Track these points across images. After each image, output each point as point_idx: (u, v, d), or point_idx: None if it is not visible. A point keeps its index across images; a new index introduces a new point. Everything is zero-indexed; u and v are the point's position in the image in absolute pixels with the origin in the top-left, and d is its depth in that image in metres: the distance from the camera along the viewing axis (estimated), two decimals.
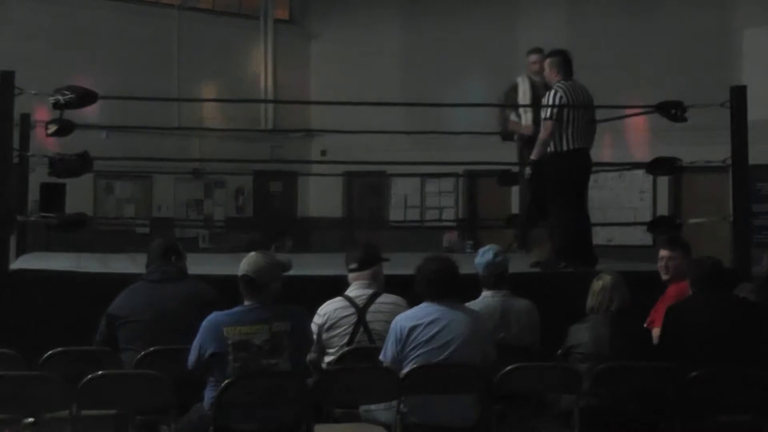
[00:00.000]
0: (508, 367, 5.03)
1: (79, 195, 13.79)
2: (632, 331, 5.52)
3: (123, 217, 15.62)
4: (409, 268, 5.36)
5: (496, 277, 5.76)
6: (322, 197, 17.19)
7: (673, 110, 7.81)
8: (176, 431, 4.75)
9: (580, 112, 7.70)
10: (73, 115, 7.14)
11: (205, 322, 4.71)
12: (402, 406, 4.96)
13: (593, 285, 5.58)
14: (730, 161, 7.54)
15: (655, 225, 8.77)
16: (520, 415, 5.42)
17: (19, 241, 9.18)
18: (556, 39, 10.57)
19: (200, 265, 6.74)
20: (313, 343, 5.35)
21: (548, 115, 7.69)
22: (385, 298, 5.55)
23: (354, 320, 5.46)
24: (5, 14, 14.58)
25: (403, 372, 4.95)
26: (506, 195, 13.34)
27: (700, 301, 5.45)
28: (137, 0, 16.12)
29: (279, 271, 4.81)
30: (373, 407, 5.12)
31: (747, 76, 11.92)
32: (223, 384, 4.57)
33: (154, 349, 5.12)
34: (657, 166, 8.25)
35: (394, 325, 5.07)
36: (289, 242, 12.46)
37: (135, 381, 4.83)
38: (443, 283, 5.11)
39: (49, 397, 4.60)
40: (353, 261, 5.68)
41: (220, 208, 16.74)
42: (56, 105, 6.88)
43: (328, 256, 8.84)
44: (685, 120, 7.80)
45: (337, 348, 5.44)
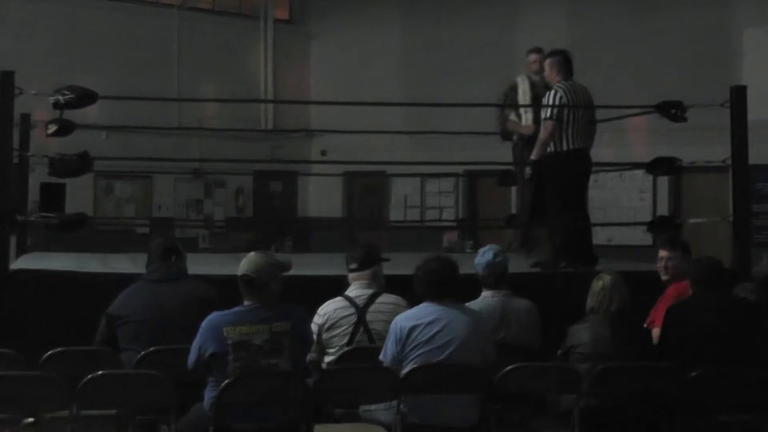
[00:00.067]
0: (508, 367, 5.04)
1: (79, 195, 13.80)
2: (632, 331, 5.51)
3: (123, 217, 15.59)
4: (409, 268, 5.35)
5: (496, 277, 5.77)
6: (322, 197, 17.17)
7: (673, 110, 7.80)
8: (176, 431, 4.75)
9: (580, 113, 7.71)
10: (73, 115, 7.13)
11: (205, 322, 4.71)
12: (402, 406, 4.96)
13: (593, 285, 5.58)
14: (730, 161, 7.54)
15: (655, 225, 8.76)
16: (520, 415, 5.43)
17: (19, 241, 9.18)
18: (556, 39, 10.56)
19: (200, 265, 6.74)
20: (313, 343, 5.36)
21: (548, 115, 7.70)
22: (385, 298, 5.55)
23: (354, 320, 5.47)
24: (5, 14, 14.57)
25: (403, 372, 4.95)
26: (506, 195, 13.30)
27: (700, 301, 5.45)
28: (137, 0, 16.12)
29: (279, 271, 4.81)
30: (373, 407, 5.12)
31: (747, 76, 11.92)
32: (223, 384, 4.57)
33: (154, 349, 5.13)
34: (657, 166, 8.23)
35: (394, 325, 5.07)
36: (289, 242, 12.43)
37: (135, 381, 4.83)
38: (443, 283, 5.11)
39: (49, 397, 4.60)
40: (353, 261, 5.69)
41: (220, 208, 16.72)
42: (56, 105, 6.87)
43: (328, 256, 8.82)
44: (685, 120, 7.79)
45: (337, 348, 5.44)
